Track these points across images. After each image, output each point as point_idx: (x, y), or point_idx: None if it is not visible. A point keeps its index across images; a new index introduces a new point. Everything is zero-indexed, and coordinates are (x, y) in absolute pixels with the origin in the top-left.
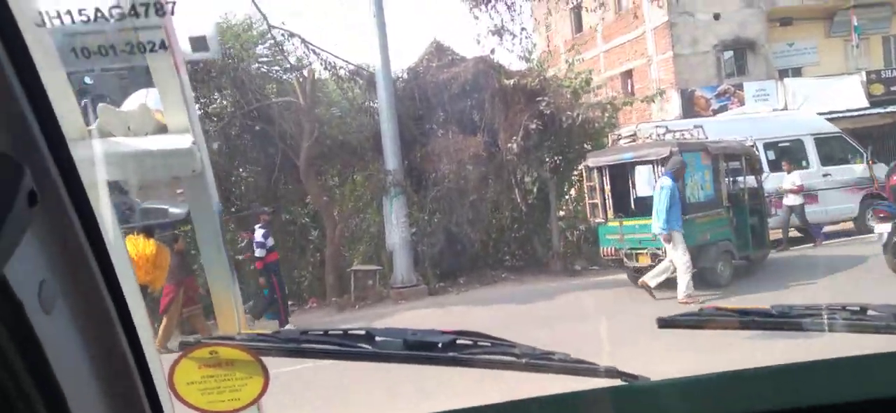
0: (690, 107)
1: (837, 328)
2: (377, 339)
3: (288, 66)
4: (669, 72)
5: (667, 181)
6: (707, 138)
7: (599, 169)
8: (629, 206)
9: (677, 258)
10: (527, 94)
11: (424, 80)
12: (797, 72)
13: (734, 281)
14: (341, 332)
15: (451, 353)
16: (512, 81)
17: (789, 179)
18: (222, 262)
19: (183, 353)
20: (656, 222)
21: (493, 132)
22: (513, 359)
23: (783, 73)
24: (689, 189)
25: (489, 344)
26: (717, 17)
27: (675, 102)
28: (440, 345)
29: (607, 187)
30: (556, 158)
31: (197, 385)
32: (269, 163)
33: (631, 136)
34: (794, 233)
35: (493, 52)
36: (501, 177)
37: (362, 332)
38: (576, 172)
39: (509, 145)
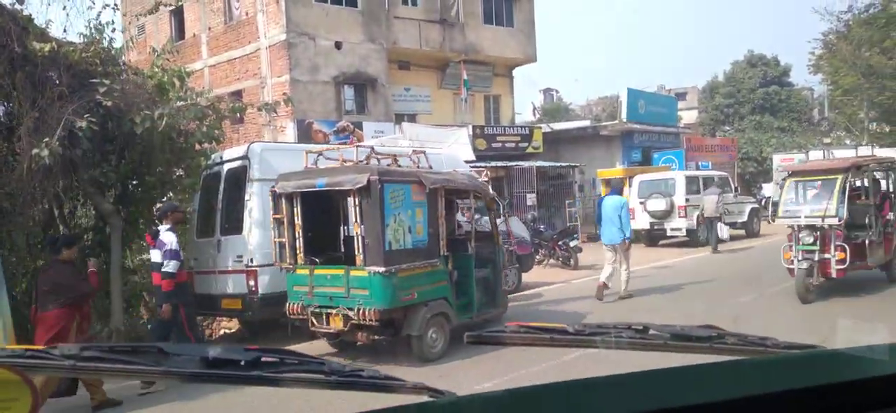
0: (307, 140)
1: (624, 345)
2: (172, 356)
3: None
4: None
5: (617, 198)
6: (429, 167)
7: (289, 197)
8: (322, 247)
9: (627, 262)
10: (75, 72)
11: None
12: (412, 118)
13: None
14: (130, 347)
15: (255, 372)
16: (47, 47)
17: None
18: None
19: None
20: (608, 234)
21: (9, 126)
22: (321, 376)
23: (400, 118)
24: (392, 231)
25: (296, 361)
26: (338, 45)
27: (291, 132)
28: (243, 362)
29: (298, 222)
30: (128, 182)
31: None
32: None
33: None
34: None
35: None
36: (25, 203)
37: (154, 349)
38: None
39: (38, 151)
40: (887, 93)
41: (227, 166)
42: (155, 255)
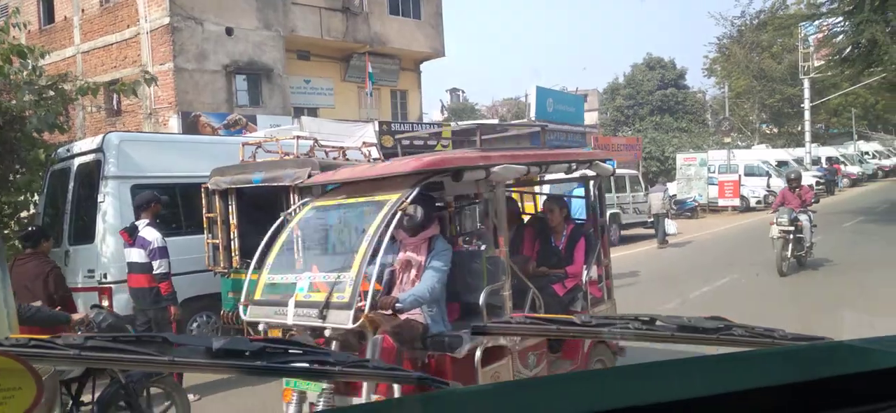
0: (194, 133)
1: (630, 336)
2: (177, 346)
3: None
4: (169, 89)
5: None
6: (381, 158)
7: (223, 194)
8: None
9: None
10: None
11: None
12: (313, 112)
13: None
14: (134, 337)
15: (260, 362)
16: None
17: None
18: None
19: None
20: None
21: None
22: (326, 367)
23: (299, 111)
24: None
25: (300, 352)
26: (230, 32)
27: (175, 125)
28: (248, 353)
29: (233, 221)
30: None
31: None
32: None
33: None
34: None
35: None
36: None
37: (159, 339)
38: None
39: None
40: (777, 95)
41: (77, 161)
42: (133, 255)
